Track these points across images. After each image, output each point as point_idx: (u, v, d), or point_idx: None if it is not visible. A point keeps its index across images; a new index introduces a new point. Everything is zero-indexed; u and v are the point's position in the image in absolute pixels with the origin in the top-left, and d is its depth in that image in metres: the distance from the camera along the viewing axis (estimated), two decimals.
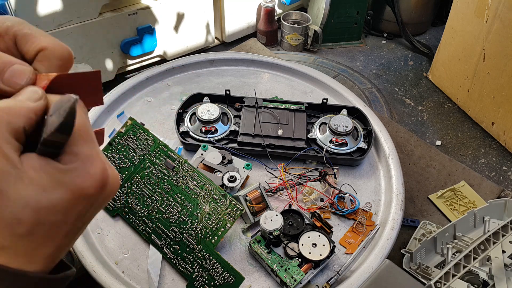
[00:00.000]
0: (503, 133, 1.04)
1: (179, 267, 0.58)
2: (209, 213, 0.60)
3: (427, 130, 1.11)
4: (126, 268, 0.61)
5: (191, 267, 0.58)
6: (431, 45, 1.39)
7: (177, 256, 0.59)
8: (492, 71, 1.02)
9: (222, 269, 0.57)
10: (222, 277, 0.56)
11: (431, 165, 0.91)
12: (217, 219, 0.59)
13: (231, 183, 0.65)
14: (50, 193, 0.22)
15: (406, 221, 0.78)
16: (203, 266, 0.57)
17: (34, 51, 0.25)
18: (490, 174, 0.99)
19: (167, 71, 0.89)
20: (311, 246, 0.59)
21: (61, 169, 0.23)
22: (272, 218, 0.60)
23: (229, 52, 0.99)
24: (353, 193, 0.70)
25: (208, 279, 0.57)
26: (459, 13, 1.11)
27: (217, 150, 0.71)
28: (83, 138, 0.24)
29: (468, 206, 0.83)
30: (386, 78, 1.28)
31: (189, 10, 1.22)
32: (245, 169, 0.69)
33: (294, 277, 0.57)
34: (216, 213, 0.60)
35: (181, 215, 0.60)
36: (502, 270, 0.61)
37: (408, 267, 0.66)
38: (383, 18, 1.45)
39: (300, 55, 1.37)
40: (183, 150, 0.75)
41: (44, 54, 0.25)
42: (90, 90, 0.26)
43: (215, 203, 0.60)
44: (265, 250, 0.60)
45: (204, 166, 0.68)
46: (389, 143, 0.78)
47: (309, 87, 0.90)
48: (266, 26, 1.37)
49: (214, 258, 0.57)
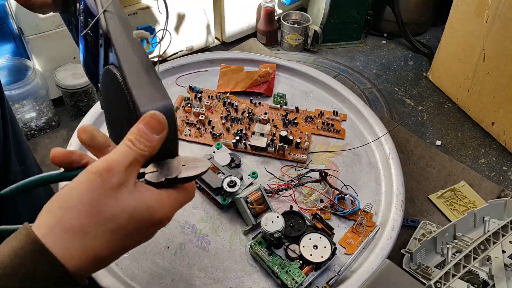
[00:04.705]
0: (503, 133, 1.04)
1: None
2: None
3: (427, 130, 1.11)
4: (126, 268, 0.61)
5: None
6: (431, 45, 1.38)
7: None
8: (492, 71, 1.02)
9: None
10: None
11: (431, 165, 0.91)
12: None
13: (230, 188, 0.65)
14: (144, 210, 0.30)
15: (406, 221, 0.79)
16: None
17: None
18: (490, 174, 0.99)
19: (167, 71, 0.89)
20: (312, 248, 0.59)
21: (161, 198, 0.31)
22: (273, 220, 0.60)
23: (229, 52, 0.99)
24: (354, 194, 0.70)
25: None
26: (459, 13, 1.10)
27: (229, 151, 0.71)
28: (184, 188, 0.33)
29: (468, 206, 0.83)
30: (386, 78, 1.28)
31: (189, 10, 1.22)
32: (250, 177, 0.69)
33: (295, 279, 0.57)
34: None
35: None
36: (502, 270, 0.61)
37: (408, 267, 0.66)
38: (383, 18, 1.45)
39: (300, 55, 1.38)
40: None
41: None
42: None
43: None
44: (266, 252, 0.60)
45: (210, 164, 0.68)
46: (389, 143, 0.78)
47: (309, 87, 0.90)
48: (266, 26, 1.37)
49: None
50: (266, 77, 0.88)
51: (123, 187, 0.29)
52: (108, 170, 0.29)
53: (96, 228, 0.28)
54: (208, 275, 0.61)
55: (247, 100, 0.85)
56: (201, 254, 0.63)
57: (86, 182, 0.29)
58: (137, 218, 0.29)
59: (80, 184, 0.29)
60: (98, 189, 0.28)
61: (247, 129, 0.79)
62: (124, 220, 0.29)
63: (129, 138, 0.31)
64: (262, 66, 0.91)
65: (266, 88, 0.87)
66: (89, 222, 0.28)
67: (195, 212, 0.68)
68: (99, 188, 0.28)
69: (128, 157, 0.30)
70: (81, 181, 0.29)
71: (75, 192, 0.28)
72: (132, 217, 0.29)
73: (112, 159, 0.30)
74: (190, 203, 0.69)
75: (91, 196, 0.28)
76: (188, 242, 0.64)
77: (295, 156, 0.76)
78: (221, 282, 0.60)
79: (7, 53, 0.96)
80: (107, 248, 0.29)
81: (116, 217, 0.29)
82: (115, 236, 0.29)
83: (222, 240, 0.65)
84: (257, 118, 0.80)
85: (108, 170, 0.29)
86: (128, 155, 0.30)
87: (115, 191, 0.29)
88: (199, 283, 0.60)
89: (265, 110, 0.83)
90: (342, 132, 0.81)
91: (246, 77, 0.88)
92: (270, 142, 0.76)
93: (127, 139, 0.31)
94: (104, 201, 0.28)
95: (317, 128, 0.81)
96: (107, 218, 0.28)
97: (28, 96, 0.95)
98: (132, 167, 0.30)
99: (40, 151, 0.94)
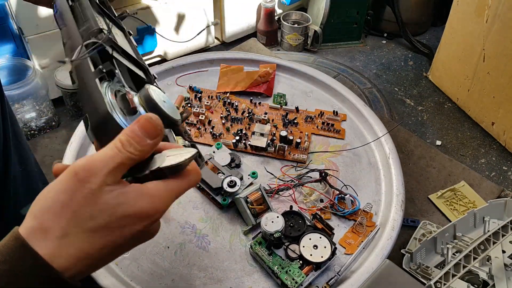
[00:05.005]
0: (503, 133, 1.04)
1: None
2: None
3: (427, 130, 1.11)
4: (126, 268, 0.61)
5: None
6: (431, 45, 1.38)
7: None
8: (492, 71, 1.02)
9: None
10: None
11: (431, 165, 0.91)
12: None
13: (230, 188, 0.65)
14: (127, 206, 0.29)
15: (406, 221, 0.79)
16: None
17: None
18: (490, 174, 0.99)
19: (167, 71, 0.89)
20: (312, 248, 0.59)
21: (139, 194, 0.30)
22: (273, 220, 0.60)
23: (229, 52, 0.99)
24: (354, 194, 0.70)
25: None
26: (459, 13, 1.10)
27: (229, 151, 0.71)
28: (177, 176, 0.32)
29: (468, 206, 0.83)
30: (386, 78, 1.28)
31: (189, 10, 1.22)
32: (250, 177, 0.69)
33: (295, 279, 0.57)
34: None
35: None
36: (502, 270, 0.61)
37: (408, 267, 0.66)
38: (383, 18, 1.45)
39: (300, 55, 1.37)
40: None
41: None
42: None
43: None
44: (266, 252, 0.60)
45: (210, 164, 0.68)
46: (389, 143, 0.78)
47: (309, 87, 0.90)
48: (266, 26, 1.37)
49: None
50: (266, 77, 0.88)
51: (104, 187, 0.28)
52: (87, 169, 0.28)
53: (75, 228, 0.28)
54: (208, 275, 0.61)
55: (247, 100, 0.85)
56: (201, 254, 0.63)
57: (62, 182, 0.28)
58: (119, 216, 0.28)
59: (58, 184, 0.28)
60: (73, 189, 0.28)
61: (247, 129, 0.79)
62: (105, 219, 0.28)
63: (120, 139, 0.29)
64: (262, 66, 0.91)
65: (266, 88, 0.87)
66: (66, 223, 0.27)
67: (195, 212, 0.68)
68: (74, 188, 0.28)
69: (114, 160, 0.29)
70: (60, 181, 0.29)
71: (52, 193, 0.28)
72: (113, 215, 0.28)
73: (94, 159, 0.29)
74: (190, 203, 0.69)
75: (66, 196, 0.28)
76: (188, 242, 0.64)
77: (295, 156, 0.76)
78: (221, 282, 0.60)
79: (7, 53, 0.96)
80: (91, 247, 0.28)
81: (95, 216, 0.28)
82: (98, 234, 0.28)
83: (222, 240, 0.65)
84: (257, 118, 0.80)
85: (87, 169, 0.28)
86: (114, 158, 0.29)
87: (93, 192, 0.28)
88: (199, 283, 0.60)
89: (265, 110, 0.83)
90: (342, 132, 0.81)
91: (246, 77, 0.88)
92: (270, 142, 0.76)
93: (118, 139, 0.30)
94: (80, 202, 0.28)
95: (317, 128, 0.81)
96: (85, 218, 0.28)
97: (28, 96, 0.95)
98: (116, 171, 0.29)
99: (40, 151, 0.94)
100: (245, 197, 0.64)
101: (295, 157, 0.76)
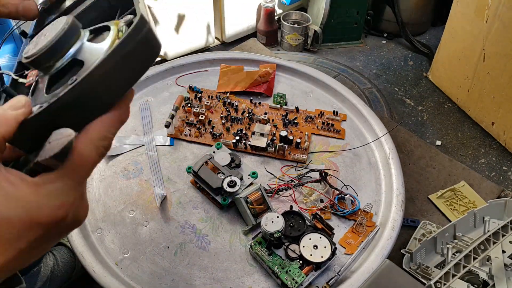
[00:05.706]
0: (503, 133, 1.04)
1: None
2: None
3: (427, 130, 1.11)
4: (126, 268, 0.61)
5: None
6: (431, 45, 1.38)
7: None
8: (492, 71, 1.02)
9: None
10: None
11: (431, 165, 0.91)
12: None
13: (230, 188, 0.65)
14: (10, 209, 0.23)
15: (406, 221, 0.79)
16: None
17: None
18: (490, 174, 0.99)
19: (167, 70, 0.89)
20: (312, 248, 0.59)
21: (29, 193, 0.23)
22: (273, 220, 0.60)
23: (229, 52, 0.99)
24: (354, 194, 0.70)
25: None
26: (459, 13, 1.10)
27: (229, 151, 0.71)
28: (71, 170, 0.25)
29: (468, 206, 0.83)
30: (386, 78, 1.28)
31: (189, 10, 1.22)
32: (250, 177, 0.69)
33: (295, 279, 0.57)
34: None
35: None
36: (502, 270, 0.61)
37: (408, 267, 0.66)
38: (383, 18, 1.45)
39: (300, 55, 1.37)
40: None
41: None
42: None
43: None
44: (266, 252, 0.60)
45: (210, 164, 0.68)
46: (389, 143, 0.78)
47: (309, 87, 0.90)
48: (266, 26, 1.37)
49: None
50: (266, 77, 0.88)
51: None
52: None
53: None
54: (208, 275, 0.61)
55: (247, 100, 0.85)
56: (201, 254, 0.63)
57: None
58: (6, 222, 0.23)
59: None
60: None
61: (247, 129, 0.79)
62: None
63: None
64: (262, 66, 0.91)
65: (266, 88, 0.87)
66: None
67: (195, 212, 0.68)
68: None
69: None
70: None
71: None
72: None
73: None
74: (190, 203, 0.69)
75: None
76: (188, 242, 0.64)
77: (295, 156, 0.76)
78: (221, 282, 0.60)
79: (7, 53, 0.96)
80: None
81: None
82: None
83: (222, 240, 0.65)
84: (257, 118, 0.80)
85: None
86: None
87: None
88: (199, 283, 0.60)
89: (265, 110, 0.83)
90: (342, 132, 0.81)
91: (246, 77, 0.88)
92: (270, 142, 0.76)
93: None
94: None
95: (317, 128, 0.81)
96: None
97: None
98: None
99: None
100: (245, 197, 0.64)
101: (295, 157, 0.76)
